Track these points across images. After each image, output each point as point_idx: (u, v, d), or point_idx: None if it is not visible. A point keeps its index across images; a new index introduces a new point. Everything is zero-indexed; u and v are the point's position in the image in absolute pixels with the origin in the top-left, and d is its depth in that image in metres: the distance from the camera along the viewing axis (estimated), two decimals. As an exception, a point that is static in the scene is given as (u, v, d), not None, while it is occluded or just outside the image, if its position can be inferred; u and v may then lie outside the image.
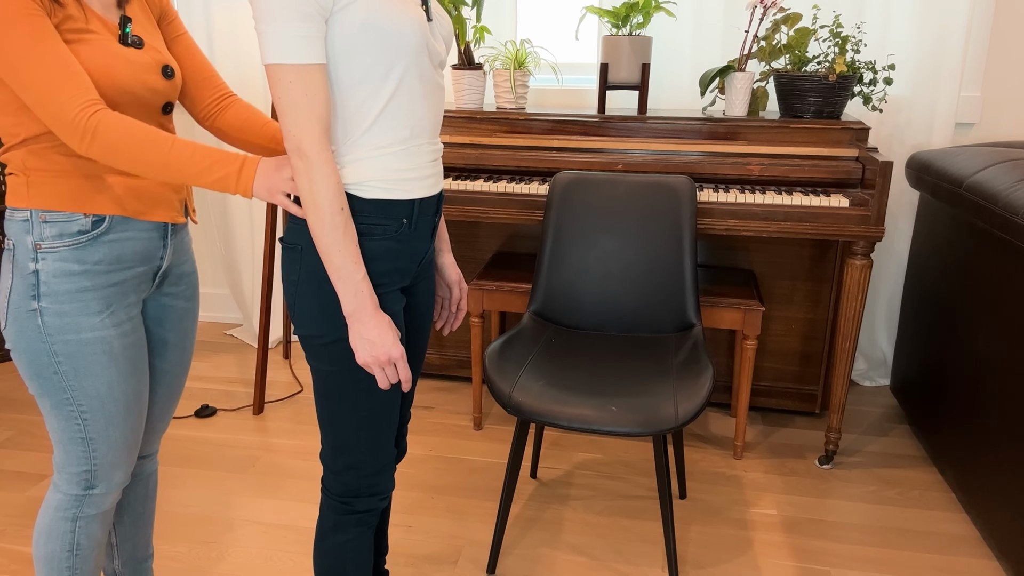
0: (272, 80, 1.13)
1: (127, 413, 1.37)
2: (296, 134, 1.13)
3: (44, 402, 1.33)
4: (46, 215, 1.24)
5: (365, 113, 1.19)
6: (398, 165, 1.23)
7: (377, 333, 1.20)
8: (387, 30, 1.15)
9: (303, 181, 1.15)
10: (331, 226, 1.15)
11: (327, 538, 1.39)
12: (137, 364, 1.37)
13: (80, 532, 1.40)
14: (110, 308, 1.31)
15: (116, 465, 1.39)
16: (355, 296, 1.18)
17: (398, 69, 1.18)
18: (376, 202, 1.22)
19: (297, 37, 1.10)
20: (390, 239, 1.25)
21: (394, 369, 1.24)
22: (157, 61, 1.31)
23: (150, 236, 1.35)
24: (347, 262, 1.17)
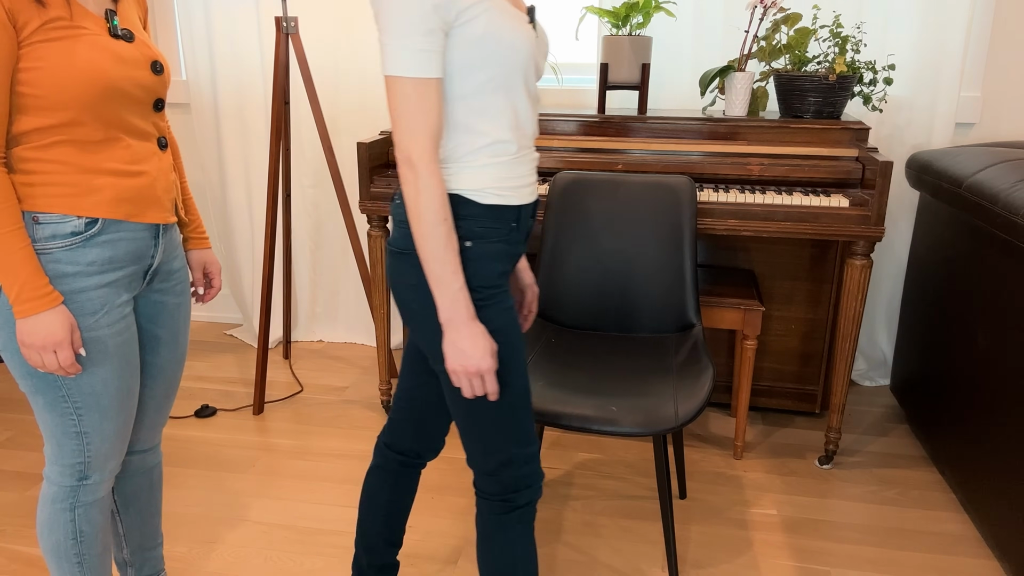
0: (390, 91, 1.17)
1: (120, 407, 1.38)
2: (407, 145, 1.17)
3: (37, 399, 1.34)
4: (39, 216, 1.25)
5: (479, 125, 1.23)
6: (510, 173, 1.28)
7: (470, 343, 1.22)
8: (504, 46, 1.20)
9: (410, 191, 1.18)
10: (434, 236, 1.18)
11: (492, 540, 1.41)
12: (130, 360, 1.38)
13: (80, 519, 1.42)
14: (104, 308, 1.31)
15: (109, 455, 1.41)
16: (451, 304, 1.21)
17: (510, 83, 1.23)
18: (491, 207, 1.27)
19: (420, 51, 1.14)
20: (502, 242, 1.30)
21: (481, 381, 1.25)
22: (147, 56, 1.32)
23: (142, 236, 1.36)
24: (446, 271, 1.20)
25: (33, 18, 1.18)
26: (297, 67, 2.95)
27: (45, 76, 1.19)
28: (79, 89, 1.21)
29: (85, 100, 1.23)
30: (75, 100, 1.22)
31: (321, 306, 3.34)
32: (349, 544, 2.05)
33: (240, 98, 3.07)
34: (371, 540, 1.63)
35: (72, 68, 1.20)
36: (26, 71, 1.19)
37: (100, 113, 1.25)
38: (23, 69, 1.19)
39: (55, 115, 1.22)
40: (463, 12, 1.16)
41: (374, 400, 2.83)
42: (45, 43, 1.19)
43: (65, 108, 1.22)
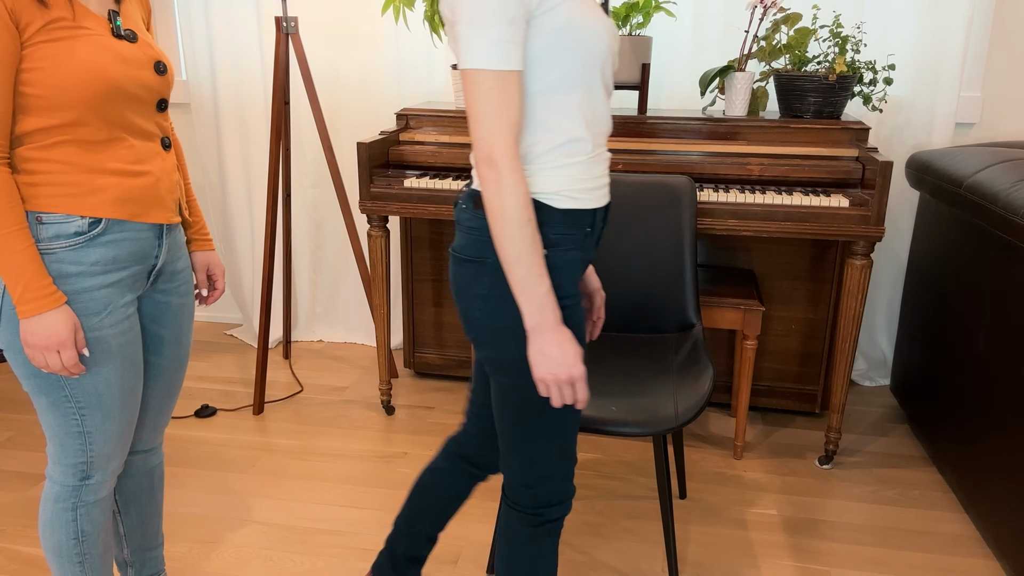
0: (468, 85, 1.10)
1: (123, 407, 1.38)
2: (489, 142, 1.10)
3: (40, 399, 1.34)
4: (43, 216, 1.25)
5: (555, 122, 1.17)
6: (585, 174, 1.21)
7: (559, 350, 1.16)
8: (585, 37, 1.13)
9: (492, 191, 1.11)
10: (519, 238, 1.12)
11: (519, 552, 1.38)
12: (133, 360, 1.38)
13: (82, 519, 1.42)
14: (108, 308, 1.31)
15: (112, 455, 1.41)
16: (539, 310, 1.15)
17: (589, 77, 1.16)
18: (566, 212, 1.20)
19: (502, 42, 1.08)
20: (577, 249, 1.23)
21: (571, 389, 1.19)
22: (150, 57, 1.32)
23: (146, 236, 1.36)
24: (533, 275, 1.13)
25: (36, 19, 1.18)
26: (297, 67, 2.95)
27: (48, 76, 1.19)
28: (82, 89, 1.21)
29: (88, 100, 1.23)
30: (78, 100, 1.22)
31: (321, 306, 3.34)
32: (349, 544, 2.05)
33: (240, 98, 3.07)
34: (414, 531, 1.61)
35: (75, 68, 1.20)
36: (29, 71, 1.19)
37: (103, 113, 1.25)
38: (26, 69, 1.19)
39: (58, 115, 1.22)
40: (545, 1, 1.10)
41: (374, 400, 2.83)
42: (48, 43, 1.19)
43: (68, 108, 1.22)
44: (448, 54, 2.87)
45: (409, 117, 2.64)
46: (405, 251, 2.88)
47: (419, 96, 2.97)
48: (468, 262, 1.23)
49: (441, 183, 2.42)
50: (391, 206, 2.45)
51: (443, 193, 2.41)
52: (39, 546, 2.02)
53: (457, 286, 1.26)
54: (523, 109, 1.14)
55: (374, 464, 2.42)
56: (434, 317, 2.93)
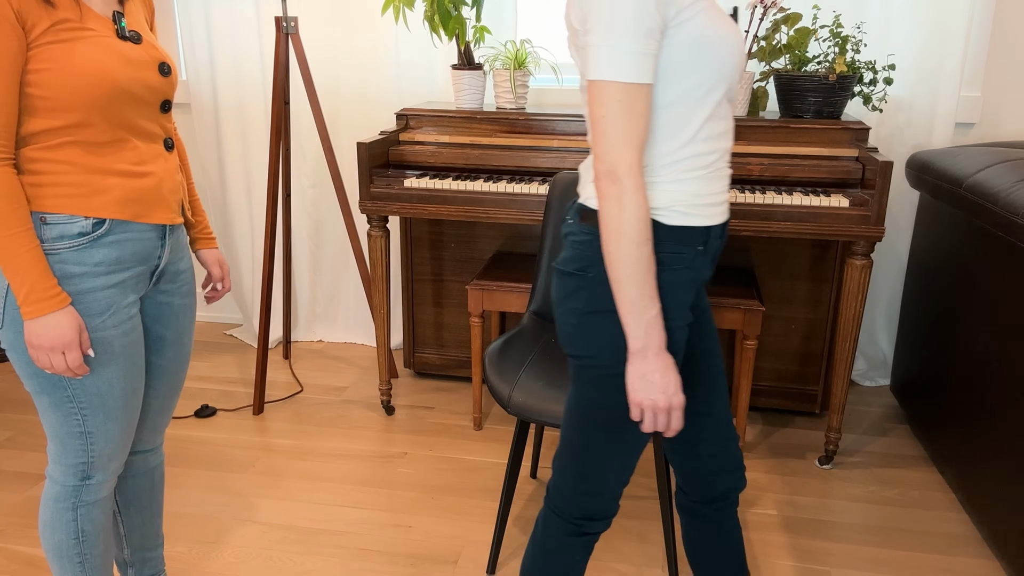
0: (595, 96, 1.07)
1: (124, 408, 1.39)
2: (613, 156, 1.07)
3: (42, 399, 1.34)
4: (47, 217, 1.25)
5: (677, 135, 1.13)
6: (702, 190, 1.17)
7: (662, 376, 1.13)
8: (716, 49, 1.10)
9: (611, 207, 1.07)
10: (634, 257, 1.08)
11: (552, 558, 1.36)
12: (136, 361, 1.39)
13: (83, 519, 1.42)
14: (111, 309, 1.32)
15: (112, 456, 1.41)
16: (645, 333, 1.11)
17: (717, 90, 1.13)
18: (676, 229, 1.16)
19: (635, 54, 1.04)
20: (688, 268, 1.19)
21: (666, 417, 1.15)
22: (154, 58, 1.32)
23: (149, 237, 1.36)
24: (644, 296, 1.10)
25: (42, 19, 1.18)
26: (297, 67, 2.95)
27: (53, 77, 1.19)
28: (87, 91, 1.22)
29: (93, 102, 1.23)
30: (83, 101, 1.22)
31: (321, 306, 3.34)
32: (349, 544, 2.05)
33: (240, 98, 3.07)
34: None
35: (80, 70, 1.20)
36: (35, 72, 1.19)
37: (108, 114, 1.26)
38: (32, 71, 1.19)
39: (63, 116, 1.22)
40: (683, 11, 1.07)
41: (374, 400, 2.83)
42: (53, 44, 1.19)
43: (73, 109, 1.22)
44: (448, 54, 2.87)
45: (409, 117, 2.64)
46: (405, 251, 2.88)
47: (419, 96, 2.97)
48: (569, 276, 1.21)
49: (441, 183, 2.42)
50: (391, 206, 2.45)
51: (443, 193, 2.41)
52: (39, 546, 2.02)
53: (556, 298, 1.23)
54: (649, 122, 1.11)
55: (374, 464, 2.42)
56: (434, 317, 2.93)
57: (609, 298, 1.15)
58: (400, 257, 2.98)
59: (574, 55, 1.19)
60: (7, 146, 1.20)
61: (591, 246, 1.18)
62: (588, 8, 1.07)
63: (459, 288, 2.89)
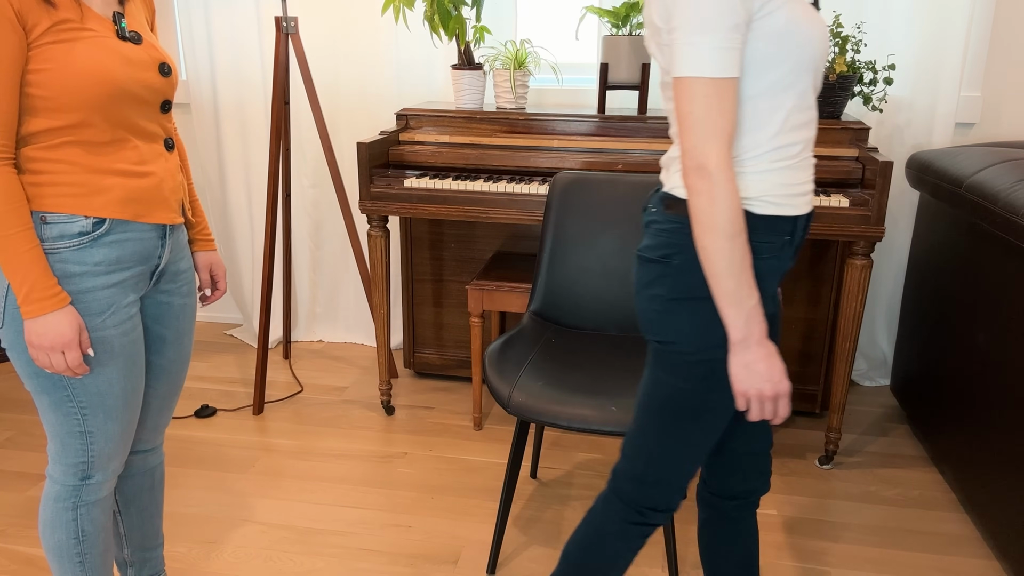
0: (684, 92, 1.08)
1: (124, 408, 1.39)
2: (702, 151, 1.08)
3: (43, 399, 1.34)
4: (47, 216, 1.25)
5: (765, 126, 1.14)
6: (790, 180, 1.18)
7: (766, 364, 1.13)
8: (802, 39, 1.11)
9: (703, 201, 1.09)
10: (729, 250, 1.09)
11: (607, 541, 1.36)
12: (136, 360, 1.39)
13: (83, 519, 1.42)
14: (111, 308, 1.32)
15: (112, 455, 1.41)
16: (746, 323, 1.12)
17: (802, 81, 1.14)
18: (766, 218, 1.17)
19: (723, 49, 1.05)
20: (775, 257, 1.20)
21: (773, 404, 1.15)
22: (154, 58, 1.32)
23: (149, 237, 1.36)
24: (742, 287, 1.10)
25: (42, 19, 1.18)
26: (297, 67, 2.95)
27: (54, 78, 1.20)
28: (87, 91, 1.22)
29: (93, 102, 1.23)
30: (83, 102, 1.22)
31: (321, 306, 3.34)
32: (349, 544, 2.05)
33: (240, 98, 3.07)
34: None
35: (80, 70, 1.21)
36: (35, 72, 1.19)
37: (108, 114, 1.26)
38: (32, 71, 1.19)
39: (63, 116, 1.22)
40: (767, 3, 1.08)
41: (374, 400, 2.83)
42: (54, 45, 1.19)
43: (73, 109, 1.22)
44: (448, 54, 2.87)
45: (409, 117, 2.64)
46: (405, 251, 2.88)
47: (419, 96, 2.97)
48: (652, 262, 1.22)
49: (441, 183, 2.42)
50: (391, 206, 2.45)
51: (443, 193, 2.41)
52: (39, 546, 2.02)
53: (637, 285, 1.24)
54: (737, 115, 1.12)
55: (374, 464, 2.42)
56: (434, 317, 2.93)
57: (693, 286, 1.17)
58: (400, 257, 2.98)
59: (655, 52, 1.20)
60: (7, 146, 1.20)
61: (677, 234, 1.19)
62: (672, 5, 1.07)
63: (459, 288, 2.89)
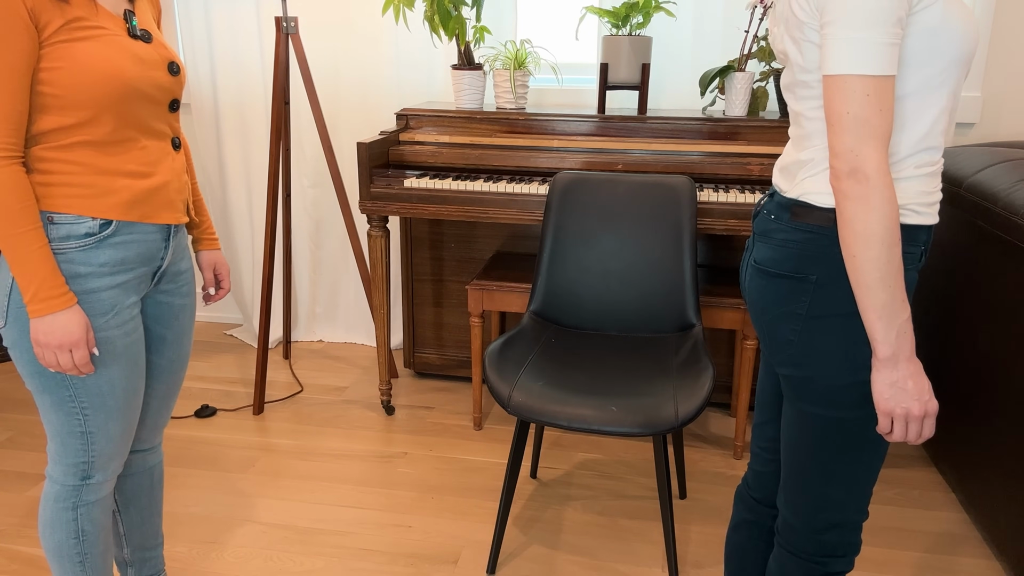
0: (839, 91, 1.01)
1: (125, 408, 1.39)
2: (859, 153, 1.00)
3: (44, 398, 1.34)
4: (54, 216, 1.25)
5: (914, 129, 1.07)
6: (931, 187, 1.10)
7: (915, 382, 1.06)
8: (957, 35, 1.03)
9: (859, 208, 1.01)
10: (886, 260, 1.01)
11: None
12: (137, 361, 1.39)
13: (83, 519, 1.43)
14: (114, 309, 1.32)
15: (112, 455, 1.41)
16: (898, 338, 1.04)
17: (951, 80, 1.06)
18: (908, 228, 1.09)
19: (886, 45, 0.99)
20: (913, 270, 1.12)
21: (919, 425, 1.08)
22: (164, 57, 1.33)
23: (154, 238, 1.37)
24: (896, 300, 1.03)
25: (55, 18, 1.18)
26: (297, 67, 2.95)
27: (65, 76, 1.19)
28: (99, 89, 1.22)
29: (104, 100, 1.23)
30: (94, 100, 1.22)
31: (321, 306, 3.34)
32: (349, 544, 2.05)
33: (240, 98, 3.07)
34: None
35: (92, 69, 1.20)
36: (47, 71, 1.19)
37: (118, 113, 1.26)
38: (44, 69, 1.19)
39: (74, 115, 1.22)
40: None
41: (374, 400, 2.83)
42: (66, 43, 1.19)
43: (84, 108, 1.22)
44: (448, 54, 2.87)
45: (409, 117, 2.64)
46: (405, 251, 2.88)
47: (419, 96, 2.97)
48: (782, 278, 1.14)
49: (441, 183, 2.42)
50: (391, 206, 2.45)
51: (443, 193, 2.41)
52: (39, 546, 2.02)
53: (764, 302, 1.17)
54: None
55: (374, 464, 2.42)
56: (434, 317, 2.93)
57: (835, 302, 1.11)
58: (400, 257, 2.98)
59: (788, 48, 1.13)
60: (17, 144, 1.20)
61: (811, 244, 1.12)
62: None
63: (459, 288, 2.89)
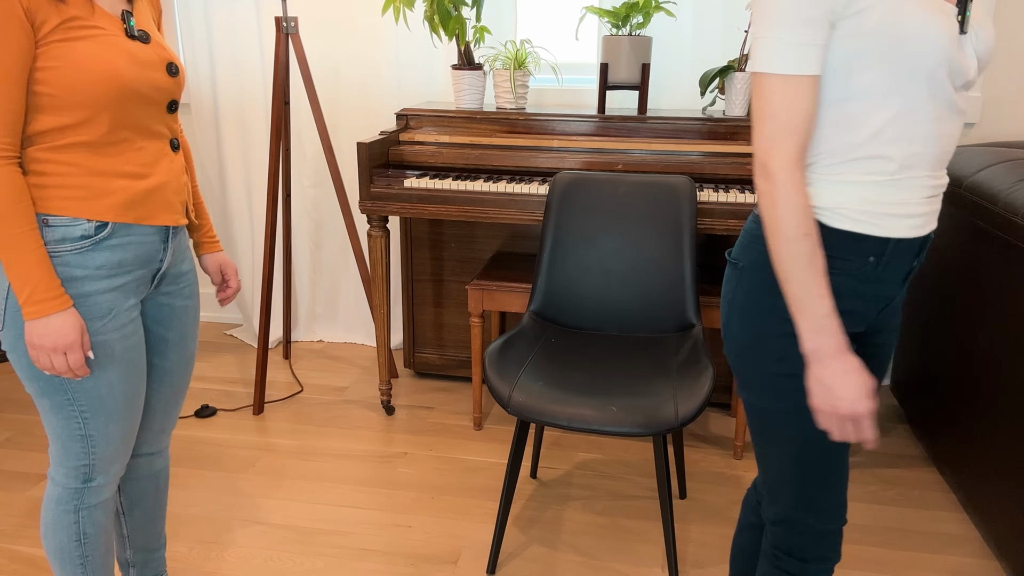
0: (755, 88, 1.04)
1: (126, 411, 1.38)
2: (766, 151, 1.03)
3: (43, 402, 1.33)
4: (49, 219, 1.24)
5: (850, 134, 1.06)
6: (880, 198, 1.08)
7: (841, 380, 1.05)
8: (902, 42, 1.01)
9: (765, 203, 1.04)
10: (794, 254, 1.03)
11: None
12: (136, 364, 1.38)
13: (85, 521, 1.42)
14: (112, 312, 1.31)
15: (113, 459, 1.41)
16: (816, 332, 1.05)
17: (905, 87, 1.04)
18: (843, 233, 1.09)
19: (794, 44, 1.01)
20: (850, 277, 1.12)
21: (852, 426, 1.07)
22: (162, 58, 1.31)
23: (152, 240, 1.35)
24: (810, 294, 1.04)
25: (51, 17, 1.17)
26: (297, 67, 2.95)
27: (61, 76, 1.18)
28: (94, 90, 1.21)
29: (100, 101, 1.22)
30: (90, 101, 1.21)
31: (321, 306, 3.34)
32: (349, 544, 2.05)
33: (240, 98, 3.07)
34: None
35: (88, 69, 1.20)
36: (42, 70, 1.18)
37: (115, 114, 1.25)
38: (40, 68, 1.18)
39: (69, 115, 1.21)
40: (855, 1, 1.00)
41: (374, 400, 2.83)
42: (62, 43, 1.18)
43: (80, 108, 1.21)
44: (448, 54, 2.87)
45: (409, 117, 2.64)
46: (405, 251, 2.88)
47: (419, 96, 2.97)
48: (730, 265, 1.19)
49: (441, 183, 2.42)
50: (391, 206, 2.45)
51: (443, 193, 2.41)
52: (39, 546, 2.02)
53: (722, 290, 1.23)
54: (816, 117, 1.06)
55: (374, 464, 2.42)
56: (434, 317, 2.93)
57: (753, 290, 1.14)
58: (400, 257, 2.98)
59: None
60: (13, 144, 1.19)
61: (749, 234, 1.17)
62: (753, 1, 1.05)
63: (459, 288, 2.89)
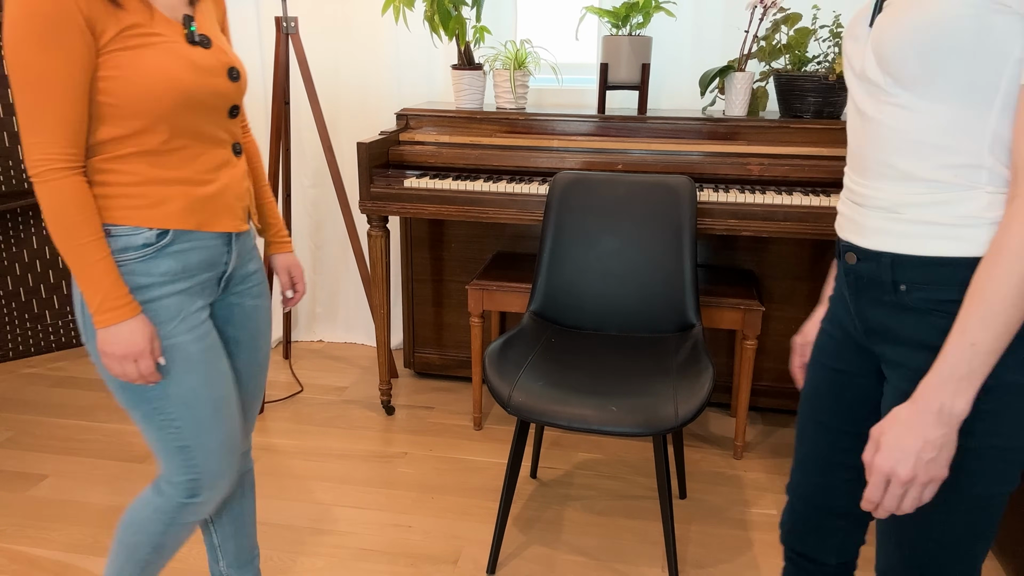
0: None
1: (217, 417, 1.35)
2: None
3: (135, 414, 1.31)
4: (111, 229, 1.23)
5: None
6: None
7: None
8: None
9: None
10: None
11: None
12: (218, 368, 1.35)
13: (170, 535, 1.41)
14: (180, 315, 1.29)
15: (219, 473, 1.38)
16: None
17: None
18: None
19: None
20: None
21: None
22: (223, 63, 1.28)
23: (214, 245, 1.33)
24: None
25: (110, 25, 1.14)
26: (297, 67, 2.95)
27: (121, 85, 1.16)
28: (155, 99, 1.18)
29: (161, 110, 1.20)
30: (151, 110, 1.19)
31: (321, 306, 3.34)
32: (349, 544, 2.05)
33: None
34: None
35: (148, 78, 1.17)
36: (104, 79, 1.16)
37: (175, 122, 1.22)
38: (101, 78, 1.16)
39: (130, 124, 1.19)
40: None
41: (374, 400, 2.84)
42: (122, 51, 1.16)
43: (140, 117, 1.19)
44: (448, 54, 2.87)
45: (409, 117, 2.64)
46: (405, 251, 2.88)
47: (419, 96, 2.97)
48: None
49: (441, 183, 2.42)
50: (391, 206, 2.45)
51: (443, 193, 2.41)
52: (39, 546, 2.02)
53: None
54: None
55: (374, 464, 2.42)
56: (434, 317, 2.93)
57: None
58: (400, 257, 2.99)
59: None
60: (78, 154, 1.17)
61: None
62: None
63: (459, 288, 2.89)
